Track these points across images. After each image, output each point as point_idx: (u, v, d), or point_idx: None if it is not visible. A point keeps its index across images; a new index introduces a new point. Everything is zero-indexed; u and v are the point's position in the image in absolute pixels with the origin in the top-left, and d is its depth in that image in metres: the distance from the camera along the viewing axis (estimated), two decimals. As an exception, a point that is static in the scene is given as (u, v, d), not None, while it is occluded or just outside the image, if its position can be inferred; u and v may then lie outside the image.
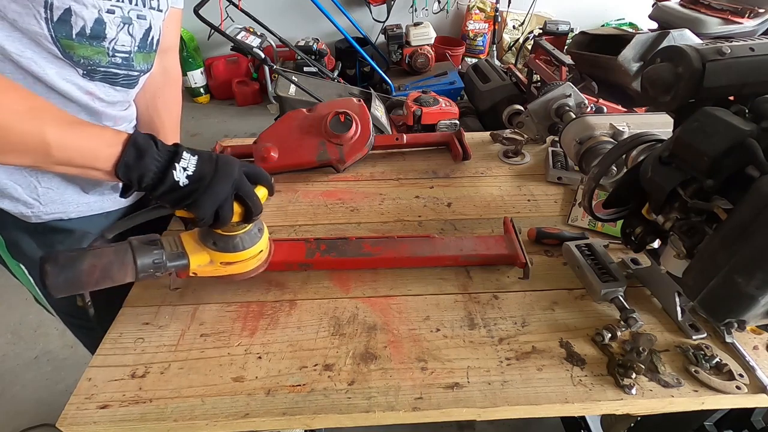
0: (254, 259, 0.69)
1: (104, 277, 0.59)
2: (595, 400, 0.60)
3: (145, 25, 0.70)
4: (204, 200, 0.58)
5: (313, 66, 2.82)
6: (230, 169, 0.60)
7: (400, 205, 0.97)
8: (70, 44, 0.61)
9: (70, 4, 0.58)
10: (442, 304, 0.74)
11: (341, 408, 0.60)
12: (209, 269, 0.67)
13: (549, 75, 2.45)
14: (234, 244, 0.66)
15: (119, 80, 0.71)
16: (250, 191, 0.62)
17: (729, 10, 2.43)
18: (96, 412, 0.59)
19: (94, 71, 0.67)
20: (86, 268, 0.57)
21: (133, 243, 0.62)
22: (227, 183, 0.59)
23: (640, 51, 1.86)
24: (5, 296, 2.01)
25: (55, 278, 0.56)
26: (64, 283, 0.57)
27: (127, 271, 0.60)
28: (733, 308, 0.52)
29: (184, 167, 0.57)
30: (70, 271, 0.57)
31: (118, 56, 0.68)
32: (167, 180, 0.57)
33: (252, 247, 0.67)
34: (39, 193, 0.70)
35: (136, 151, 0.56)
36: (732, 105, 0.56)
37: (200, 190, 0.58)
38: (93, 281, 0.58)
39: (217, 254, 0.66)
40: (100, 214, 0.79)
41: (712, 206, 0.53)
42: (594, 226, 0.89)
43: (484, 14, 3.59)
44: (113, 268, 0.59)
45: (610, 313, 0.72)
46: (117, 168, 0.56)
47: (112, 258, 0.59)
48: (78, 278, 0.57)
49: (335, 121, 1.03)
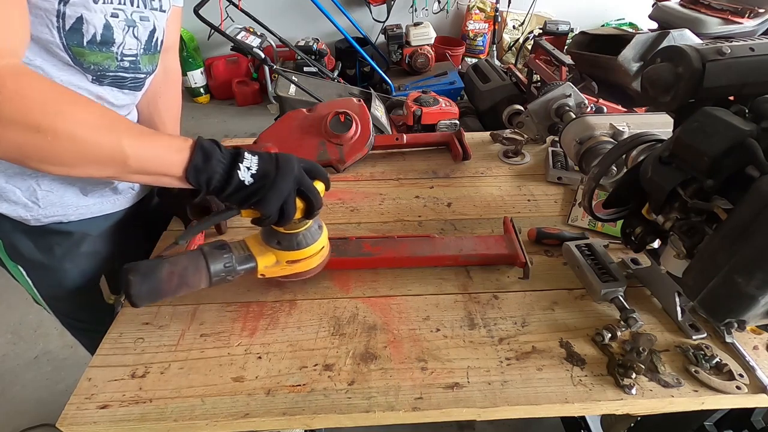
0: (317, 256, 0.71)
1: (181, 284, 0.61)
2: (595, 400, 0.60)
3: (149, 26, 0.70)
4: (270, 197, 0.59)
5: (313, 66, 2.82)
6: (291, 165, 0.61)
7: (400, 205, 0.97)
8: (81, 51, 0.62)
9: (81, 12, 0.59)
10: (442, 304, 0.74)
11: (341, 408, 0.60)
12: (276, 269, 0.69)
13: (549, 75, 2.45)
14: (297, 242, 0.67)
15: (127, 83, 0.72)
16: (310, 186, 0.63)
17: (729, 10, 2.43)
18: (96, 412, 0.59)
19: (103, 76, 0.67)
20: (165, 276, 0.60)
21: (204, 249, 0.64)
22: (290, 179, 0.60)
23: (640, 51, 1.86)
24: (5, 296, 2.01)
25: (138, 287, 0.58)
26: (147, 292, 0.59)
27: (202, 277, 0.62)
28: (733, 308, 0.52)
29: (248, 167, 0.59)
30: (152, 279, 0.59)
31: (126, 60, 0.69)
32: (233, 180, 0.58)
33: (314, 244, 0.69)
34: (38, 196, 0.70)
35: (203, 155, 0.58)
36: (732, 105, 0.56)
37: (265, 188, 0.59)
38: (172, 288, 0.61)
39: (282, 253, 0.67)
40: (99, 216, 0.79)
41: (712, 206, 0.53)
42: (594, 226, 0.89)
43: (484, 14, 3.59)
44: (188, 274, 0.61)
45: (610, 313, 0.72)
46: (187, 172, 0.57)
47: (186, 264, 0.61)
48: (158, 286, 0.60)
49: (335, 121, 1.03)
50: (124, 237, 0.85)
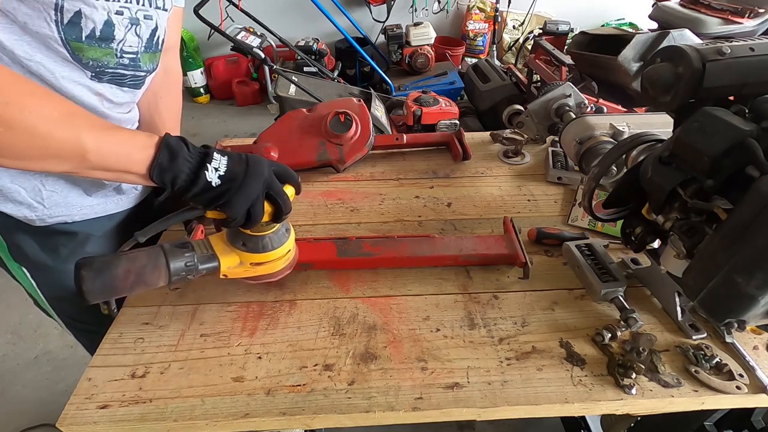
0: (282, 259, 0.70)
1: (138, 281, 0.59)
2: (595, 400, 0.60)
3: (151, 25, 0.70)
4: (236, 200, 0.58)
5: (313, 66, 2.82)
6: (261, 168, 0.60)
7: (400, 205, 0.97)
8: (79, 46, 0.61)
9: (80, 6, 0.58)
10: (442, 304, 0.74)
11: (341, 408, 0.60)
12: (239, 270, 0.68)
13: (549, 75, 2.45)
14: (263, 245, 0.66)
15: (126, 81, 0.72)
16: (280, 190, 0.62)
17: (729, 10, 2.43)
18: (96, 412, 0.59)
19: (103, 73, 0.67)
20: (121, 273, 0.58)
21: (165, 247, 0.62)
22: (258, 182, 0.59)
23: (640, 51, 1.85)
24: (5, 296, 2.01)
25: (91, 283, 0.56)
26: (100, 288, 0.57)
27: (161, 275, 0.61)
28: (733, 308, 0.52)
29: (216, 167, 0.58)
30: (106, 275, 0.57)
31: (125, 57, 0.68)
32: (200, 181, 0.57)
33: (280, 247, 0.68)
34: (43, 197, 0.70)
35: (168, 153, 0.56)
36: (732, 105, 0.56)
37: (232, 190, 0.58)
38: (128, 286, 0.59)
39: (246, 255, 0.66)
40: (103, 216, 0.79)
41: (712, 206, 0.53)
42: (594, 226, 0.89)
43: (484, 14, 3.59)
44: (147, 272, 0.60)
45: (610, 313, 0.72)
46: (151, 171, 0.56)
47: (145, 262, 0.60)
48: (113, 283, 0.58)
49: (335, 121, 1.03)
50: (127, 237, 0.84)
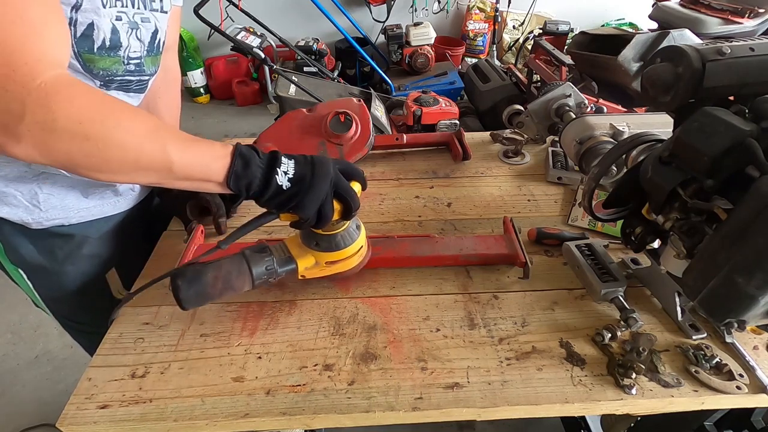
0: (356, 256, 0.71)
1: (226, 287, 0.63)
2: (595, 400, 0.60)
3: (150, 28, 0.70)
4: (307, 200, 0.59)
5: (313, 66, 2.82)
6: (326, 168, 0.61)
7: (400, 205, 0.97)
8: (91, 58, 0.62)
9: (92, 18, 0.59)
10: (442, 304, 0.74)
11: (341, 408, 0.60)
12: (316, 270, 0.70)
13: (549, 75, 2.45)
14: (336, 243, 0.68)
15: (132, 86, 0.72)
16: (347, 187, 0.63)
17: (729, 10, 2.43)
18: (96, 412, 0.59)
19: (111, 81, 0.68)
20: (210, 280, 0.62)
21: (246, 253, 0.66)
22: (326, 181, 0.60)
23: (640, 51, 1.85)
24: (5, 296, 2.01)
25: (186, 292, 0.61)
26: (194, 296, 0.62)
27: (245, 280, 0.64)
28: (733, 308, 0.52)
29: (285, 171, 0.59)
30: (198, 284, 0.61)
31: (131, 63, 0.69)
32: (271, 185, 0.59)
33: (353, 244, 0.69)
34: (40, 200, 0.70)
35: (242, 161, 0.58)
36: (732, 105, 0.56)
37: (302, 192, 0.59)
38: (217, 292, 0.63)
39: (321, 254, 0.68)
40: (100, 218, 0.79)
41: (712, 206, 0.53)
42: (594, 226, 0.89)
43: (484, 14, 3.59)
44: (232, 278, 0.64)
45: (610, 313, 0.72)
46: (228, 179, 0.58)
47: (230, 268, 0.64)
48: (204, 290, 0.62)
49: (335, 121, 1.03)
50: (124, 239, 0.85)
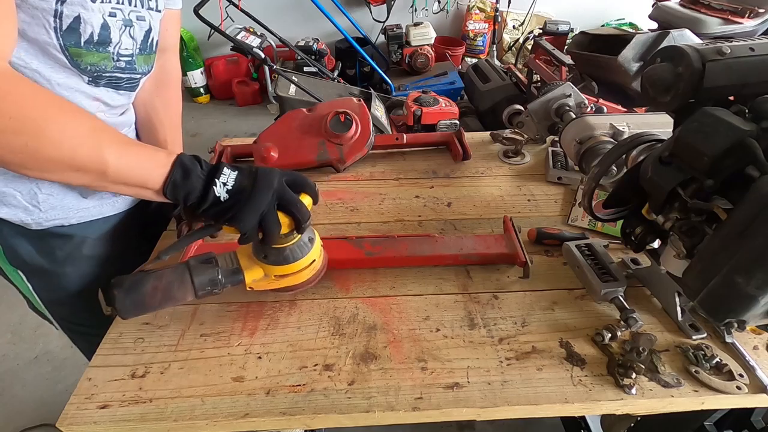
0: (308, 270, 0.69)
1: (166, 297, 0.63)
2: (595, 400, 0.60)
3: (144, 26, 0.70)
4: (245, 213, 0.58)
5: (313, 66, 2.82)
6: (269, 180, 0.60)
7: (400, 205, 0.97)
8: (78, 52, 0.61)
9: (79, 11, 0.58)
10: (442, 304, 0.74)
11: (341, 408, 0.60)
12: (264, 283, 0.69)
13: (549, 75, 2.45)
14: (284, 257, 0.66)
15: (123, 84, 0.72)
16: (293, 199, 0.61)
17: (729, 10, 2.43)
18: (96, 412, 0.59)
19: (100, 77, 0.67)
20: (149, 290, 0.62)
21: (190, 263, 0.65)
22: (267, 193, 0.59)
23: (640, 51, 1.86)
24: (5, 296, 2.01)
25: (122, 302, 0.60)
26: (132, 306, 0.61)
27: (187, 290, 0.64)
28: (733, 308, 0.52)
29: (224, 182, 0.59)
30: (136, 293, 0.61)
31: (122, 60, 0.68)
32: (209, 196, 0.58)
33: (303, 258, 0.67)
34: (39, 200, 0.70)
35: (182, 171, 0.58)
36: (732, 105, 0.56)
37: (240, 203, 0.58)
38: (156, 302, 0.62)
39: (269, 267, 0.67)
40: (99, 219, 0.79)
41: (712, 206, 0.53)
42: (594, 226, 0.89)
43: (484, 14, 3.59)
44: (173, 288, 0.63)
45: (610, 313, 0.72)
46: (165, 188, 0.58)
47: (171, 278, 0.63)
48: (142, 300, 0.62)
49: (335, 121, 1.03)
50: (123, 239, 0.84)
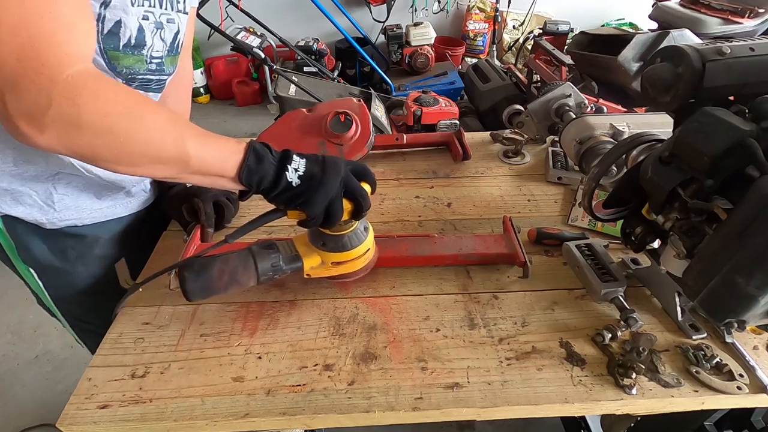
0: (362, 258, 0.71)
1: (232, 281, 0.64)
2: (595, 400, 0.60)
3: (174, 28, 0.71)
4: (315, 198, 0.60)
5: (313, 66, 2.82)
6: (337, 167, 0.62)
7: (400, 205, 0.97)
8: (116, 55, 0.63)
9: (120, 15, 0.60)
10: (442, 304, 0.74)
11: (341, 408, 0.60)
12: (321, 270, 0.70)
13: (549, 75, 2.45)
14: (342, 244, 0.68)
15: (152, 85, 0.73)
16: (358, 187, 0.63)
17: (729, 10, 2.43)
18: (96, 412, 0.59)
19: (133, 80, 0.68)
20: (216, 274, 0.63)
21: (253, 249, 0.66)
22: (336, 180, 0.61)
23: (640, 51, 1.86)
24: (5, 296, 2.01)
25: (192, 283, 0.62)
26: (200, 288, 0.62)
27: (251, 275, 0.65)
28: (733, 308, 0.52)
29: (296, 168, 0.60)
30: (205, 276, 0.62)
31: (153, 62, 0.70)
32: (282, 181, 0.60)
33: (359, 246, 0.69)
34: (54, 200, 0.71)
35: (255, 157, 0.59)
36: (732, 105, 0.56)
37: (311, 189, 0.60)
38: (222, 285, 0.64)
39: (327, 255, 0.68)
40: (111, 219, 0.80)
41: (712, 206, 0.53)
42: (594, 226, 0.89)
43: (484, 14, 3.59)
44: (238, 272, 0.64)
45: (610, 313, 0.72)
46: (240, 174, 0.59)
47: (236, 263, 0.64)
48: (210, 283, 0.63)
49: (335, 121, 1.03)
50: (133, 239, 0.86)
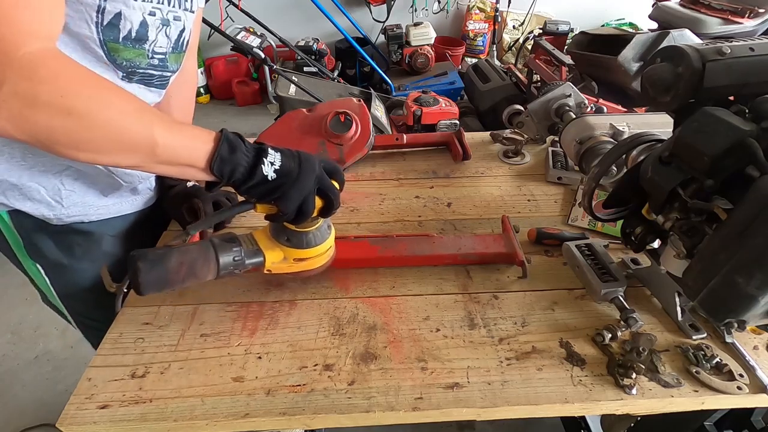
0: (324, 255, 0.71)
1: (190, 274, 0.61)
2: (595, 400, 0.60)
3: (179, 26, 0.71)
4: (291, 194, 0.60)
5: (313, 66, 2.82)
6: (312, 163, 0.62)
7: (400, 205, 0.97)
8: (116, 47, 0.62)
9: (121, 8, 0.60)
10: (442, 304, 0.74)
11: (341, 408, 0.60)
12: (283, 266, 0.69)
13: (549, 75, 2.45)
14: (307, 240, 0.67)
15: (154, 81, 0.73)
16: (331, 185, 0.64)
17: (729, 10, 2.43)
18: (96, 412, 0.59)
19: (134, 73, 0.68)
20: (174, 266, 0.59)
21: (214, 241, 0.64)
22: (311, 177, 0.61)
23: (640, 51, 1.86)
24: (5, 296, 2.01)
25: (146, 275, 0.57)
26: (155, 280, 0.58)
27: (210, 268, 0.62)
28: (733, 308, 0.52)
29: (272, 162, 0.59)
30: (160, 267, 0.58)
31: (156, 58, 0.70)
32: (257, 174, 0.59)
33: (323, 243, 0.69)
34: (62, 196, 0.70)
35: (228, 147, 0.58)
36: (732, 105, 0.56)
37: (287, 184, 0.59)
38: (180, 278, 0.60)
39: (290, 251, 0.68)
40: (117, 216, 0.80)
41: (712, 206, 0.53)
42: (594, 226, 0.89)
43: (484, 14, 3.59)
44: (198, 265, 0.61)
45: (610, 313, 0.72)
46: (212, 163, 0.57)
47: (196, 255, 0.61)
48: (166, 275, 0.59)
49: (335, 121, 1.03)
50: (138, 238, 0.86)
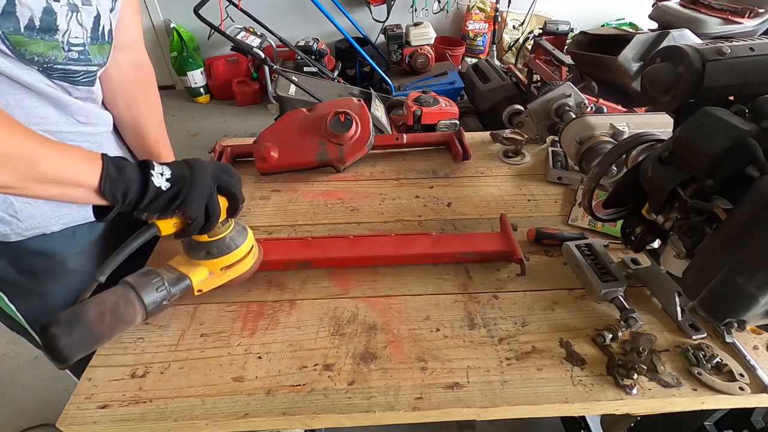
0: (250, 256, 0.70)
1: (116, 321, 0.56)
2: (595, 400, 0.60)
3: (92, 12, 0.65)
4: (193, 196, 0.58)
5: (313, 66, 2.82)
6: (204, 164, 0.61)
7: (400, 205, 0.97)
8: (20, 40, 0.56)
9: None
10: (442, 304, 0.74)
11: (341, 408, 0.60)
12: (212, 281, 0.68)
13: (549, 75, 2.45)
14: (227, 245, 0.66)
15: (79, 78, 0.67)
16: (228, 180, 0.62)
17: (729, 10, 2.43)
18: (96, 412, 0.59)
19: (51, 69, 0.62)
20: (94, 318, 0.54)
21: (129, 280, 0.60)
22: (207, 176, 0.60)
23: (640, 51, 1.86)
24: (5, 296, 2.01)
25: (66, 338, 0.52)
26: (79, 341, 0.53)
27: (136, 308, 0.59)
28: (733, 308, 0.52)
29: (161, 173, 0.58)
30: (79, 325, 0.53)
31: (73, 50, 0.63)
32: (150, 188, 0.56)
33: (243, 244, 0.68)
34: (16, 209, 0.66)
35: (115, 166, 0.55)
36: (732, 105, 0.56)
37: (185, 188, 0.58)
38: (106, 329, 0.56)
39: (214, 262, 0.66)
40: (83, 224, 0.75)
41: (712, 206, 0.53)
42: (594, 226, 0.89)
43: (484, 14, 3.59)
44: (120, 309, 0.57)
45: (610, 313, 0.72)
46: (102, 184, 0.53)
47: (115, 299, 0.57)
48: (89, 330, 0.54)
49: (335, 121, 1.03)
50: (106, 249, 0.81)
